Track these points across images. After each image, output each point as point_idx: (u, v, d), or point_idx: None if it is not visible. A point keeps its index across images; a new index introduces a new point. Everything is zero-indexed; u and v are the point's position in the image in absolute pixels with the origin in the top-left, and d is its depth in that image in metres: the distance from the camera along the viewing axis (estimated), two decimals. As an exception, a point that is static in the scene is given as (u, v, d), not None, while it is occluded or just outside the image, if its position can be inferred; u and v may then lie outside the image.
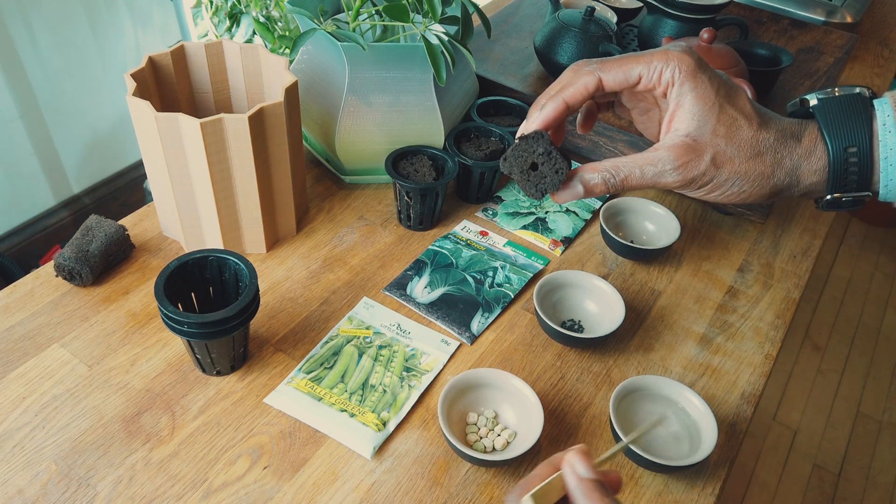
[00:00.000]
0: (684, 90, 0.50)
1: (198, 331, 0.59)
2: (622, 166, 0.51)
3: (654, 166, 0.50)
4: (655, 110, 0.57)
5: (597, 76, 0.51)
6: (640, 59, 0.51)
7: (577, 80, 0.52)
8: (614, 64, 0.51)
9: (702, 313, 0.76)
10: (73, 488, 0.56)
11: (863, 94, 0.51)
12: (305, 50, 0.85)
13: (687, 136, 0.50)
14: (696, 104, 0.50)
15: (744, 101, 0.51)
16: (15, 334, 0.68)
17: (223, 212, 0.73)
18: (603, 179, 0.51)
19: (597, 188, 0.52)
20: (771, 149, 0.51)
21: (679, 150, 0.50)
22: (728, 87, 0.51)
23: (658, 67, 0.50)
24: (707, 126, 0.50)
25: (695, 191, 0.52)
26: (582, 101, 0.52)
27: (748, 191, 0.52)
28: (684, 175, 0.50)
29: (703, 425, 0.61)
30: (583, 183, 0.51)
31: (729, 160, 0.50)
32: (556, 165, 0.51)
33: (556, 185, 0.51)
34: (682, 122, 0.50)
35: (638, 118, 0.58)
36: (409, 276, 0.77)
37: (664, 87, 0.51)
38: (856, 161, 0.50)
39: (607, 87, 0.52)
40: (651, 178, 0.51)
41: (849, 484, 1.75)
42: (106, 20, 1.85)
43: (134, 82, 0.70)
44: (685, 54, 0.50)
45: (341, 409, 0.63)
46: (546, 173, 0.51)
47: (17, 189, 1.82)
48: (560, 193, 0.52)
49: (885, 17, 1.46)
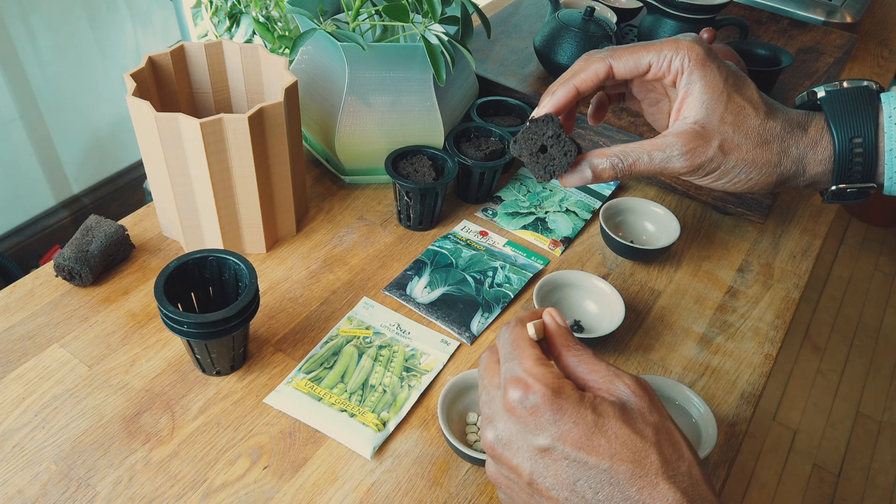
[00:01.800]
0: (693, 78, 0.51)
1: (198, 331, 0.59)
2: (630, 151, 0.51)
3: (662, 152, 0.51)
4: (665, 101, 0.57)
5: (607, 63, 0.52)
6: (650, 48, 0.52)
7: (588, 66, 0.53)
8: (625, 52, 0.52)
9: (702, 313, 0.76)
10: (72, 488, 0.56)
11: (870, 87, 0.52)
12: (305, 50, 0.85)
13: (695, 123, 0.51)
14: (704, 92, 0.51)
15: (751, 91, 0.52)
16: (15, 334, 0.68)
17: (223, 212, 0.73)
18: (611, 164, 0.52)
19: (605, 173, 0.52)
20: (777, 137, 0.51)
21: (687, 137, 0.50)
22: (736, 77, 0.52)
23: (668, 56, 0.51)
24: (715, 114, 0.50)
25: (702, 178, 0.53)
26: (593, 87, 0.53)
27: (755, 178, 0.52)
28: (692, 161, 0.51)
29: (703, 425, 0.61)
30: (591, 167, 0.52)
31: (736, 147, 0.51)
32: (565, 147, 0.51)
33: (565, 168, 0.52)
34: (691, 110, 0.51)
35: (648, 109, 0.59)
36: (409, 276, 0.77)
37: (673, 75, 0.51)
38: (861, 152, 0.50)
39: (617, 75, 0.53)
40: (659, 164, 0.51)
41: (849, 484, 1.75)
42: (106, 20, 1.85)
43: (134, 82, 0.70)
44: (695, 43, 0.51)
45: (341, 409, 0.63)
46: (555, 155, 0.52)
47: (17, 189, 1.82)
48: (568, 177, 0.53)
49: (885, 17, 1.46)
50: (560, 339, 0.44)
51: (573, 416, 0.39)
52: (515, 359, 0.42)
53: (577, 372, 0.43)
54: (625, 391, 0.40)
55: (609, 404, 0.39)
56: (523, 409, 0.40)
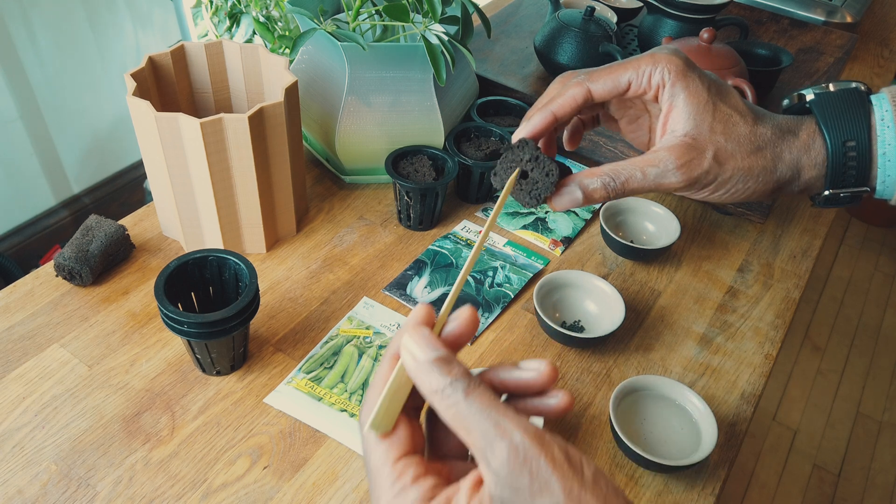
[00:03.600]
0: (676, 90, 0.49)
1: (198, 331, 0.59)
2: (622, 170, 0.49)
3: (655, 167, 0.49)
4: (645, 117, 0.56)
5: (585, 87, 0.50)
6: (627, 66, 0.50)
7: (565, 91, 0.51)
8: (602, 73, 0.51)
9: (702, 313, 0.76)
10: (72, 488, 0.56)
11: (858, 88, 0.51)
12: (305, 50, 0.85)
13: (685, 135, 0.49)
14: (689, 103, 0.49)
15: (735, 99, 0.51)
16: (15, 334, 0.68)
17: (223, 212, 0.73)
18: (603, 184, 0.49)
19: (596, 193, 0.50)
20: (770, 143, 0.50)
21: (680, 150, 0.49)
22: (719, 86, 0.51)
23: (647, 71, 0.49)
24: (704, 124, 0.49)
25: (698, 191, 0.51)
26: (570, 112, 0.51)
27: (752, 187, 0.51)
28: (688, 174, 0.49)
29: (703, 425, 0.61)
30: (581, 188, 0.49)
31: (731, 156, 0.49)
32: (546, 168, 0.49)
33: (550, 189, 0.49)
34: (679, 123, 0.49)
35: (626, 128, 0.57)
36: (409, 276, 0.77)
37: (655, 90, 0.50)
38: (854, 155, 0.49)
39: (596, 97, 0.51)
40: (653, 181, 0.49)
41: (849, 484, 1.75)
42: (106, 20, 1.85)
43: (134, 82, 0.70)
44: (673, 55, 0.50)
45: (341, 409, 0.63)
46: (537, 178, 0.49)
47: (17, 189, 1.82)
48: (556, 199, 0.50)
49: (885, 17, 1.46)
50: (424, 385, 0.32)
51: None
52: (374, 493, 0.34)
53: (454, 429, 0.32)
54: (502, 469, 0.30)
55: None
56: None
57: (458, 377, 0.32)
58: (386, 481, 0.33)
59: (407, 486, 0.32)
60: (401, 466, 0.33)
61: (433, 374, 0.32)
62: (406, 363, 0.33)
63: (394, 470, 0.33)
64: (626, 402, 0.63)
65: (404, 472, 0.33)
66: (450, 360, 0.32)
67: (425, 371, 0.32)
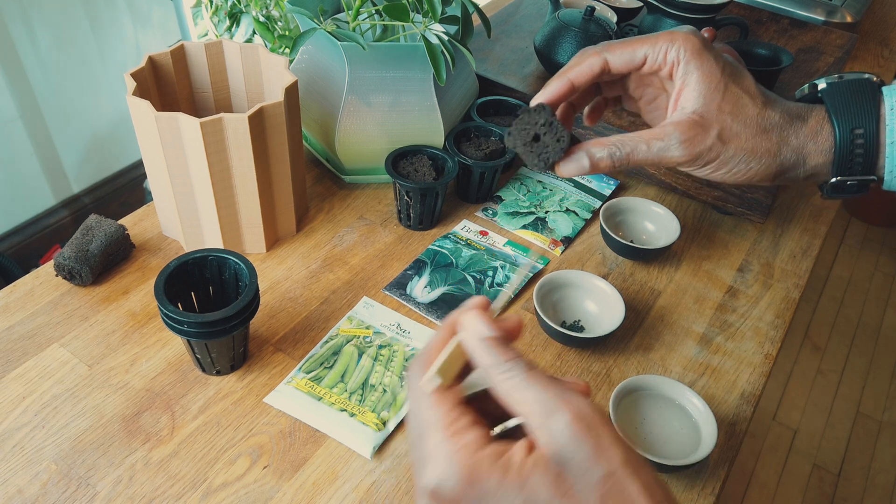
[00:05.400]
0: (690, 69, 0.51)
1: (198, 330, 0.59)
2: (628, 140, 0.51)
3: (660, 141, 0.51)
4: (663, 96, 0.57)
5: (602, 57, 0.52)
6: (645, 41, 0.52)
7: (583, 60, 0.53)
8: (620, 45, 0.52)
9: (702, 313, 0.76)
10: (72, 488, 0.56)
11: (870, 79, 0.52)
12: (305, 50, 0.85)
13: (693, 112, 0.51)
14: (701, 82, 0.51)
15: (748, 82, 0.52)
16: (15, 334, 0.68)
17: (223, 211, 0.73)
18: (608, 153, 0.51)
19: (602, 162, 0.52)
20: (776, 126, 0.51)
21: (686, 126, 0.50)
22: (733, 68, 0.52)
23: (663, 47, 0.51)
24: (713, 103, 0.50)
25: (700, 168, 0.52)
26: (588, 80, 0.53)
27: (755, 168, 0.52)
28: (691, 150, 0.51)
29: (702, 425, 0.61)
30: (588, 156, 0.51)
31: (735, 136, 0.51)
32: (558, 134, 0.51)
33: (559, 154, 0.51)
34: (689, 100, 0.51)
35: (645, 108, 0.59)
36: (409, 276, 0.77)
37: (669, 66, 0.51)
38: (862, 143, 0.50)
39: (613, 68, 0.53)
40: (657, 153, 0.51)
41: (849, 484, 1.75)
42: (106, 20, 1.85)
43: (134, 82, 0.70)
44: (690, 34, 0.51)
45: (341, 408, 0.63)
46: (548, 143, 0.51)
47: (17, 189, 1.82)
48: (564, 165, 0.52)
49: (885, 17, 1.46)
50: (484, 358, 0.36)
51: (498, 500, 0.33)
52: (423, 440, 0.35)
53: (508, 400, 0.35)
54: (563, 433, 0.32)
55: (541, 470, 0.32)
56: (445, 501, 0.34)
57: (518, 356, 0.35)
58: (442, 422, 0.35)
59: (465, 428, 0.35)
60: (458, 412, 0.35)
61: (494, 350, 0.35)
62: (467, 338, 0.36)
63: (451, 412, 0.35)
64: (626, 402, 0.63)
65: (461, 417, 0.35)
66: (507, 341, 0.36)
67: (486, 346, 0.35)
